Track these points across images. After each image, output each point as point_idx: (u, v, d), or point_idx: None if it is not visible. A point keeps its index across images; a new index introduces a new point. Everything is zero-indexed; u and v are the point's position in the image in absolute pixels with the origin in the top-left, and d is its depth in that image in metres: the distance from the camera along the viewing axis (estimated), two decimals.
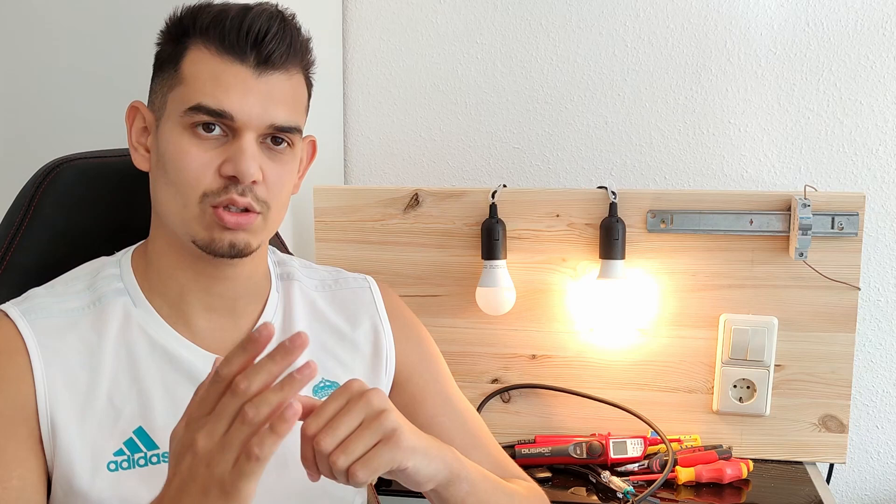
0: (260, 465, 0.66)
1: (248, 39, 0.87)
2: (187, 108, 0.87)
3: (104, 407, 0.90)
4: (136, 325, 0.93)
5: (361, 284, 1.08)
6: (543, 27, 1.73)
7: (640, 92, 1.72)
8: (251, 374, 0.67)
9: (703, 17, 1.68)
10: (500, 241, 1.51)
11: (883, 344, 1.72)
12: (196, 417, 0.69)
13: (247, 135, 0.87)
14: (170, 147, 0.89)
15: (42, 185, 1.05)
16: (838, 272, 1.46)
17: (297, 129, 0.92)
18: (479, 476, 0.90)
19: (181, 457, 0.69)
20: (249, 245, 0.90)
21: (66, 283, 0.96)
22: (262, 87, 0.88)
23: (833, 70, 1.66)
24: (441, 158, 1.80)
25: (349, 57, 1.80)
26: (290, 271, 1.04)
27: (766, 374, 1.49)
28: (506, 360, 1.57)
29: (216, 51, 0.87)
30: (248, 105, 0.87)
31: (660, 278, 1.51)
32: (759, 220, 1.47)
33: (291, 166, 0.93)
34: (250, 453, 0.65)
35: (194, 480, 0.68)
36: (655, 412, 1.52)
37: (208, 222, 0.88)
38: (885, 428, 1.74)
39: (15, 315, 0.90)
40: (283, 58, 0.89)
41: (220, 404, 0.68)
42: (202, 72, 0.88)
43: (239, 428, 0.66)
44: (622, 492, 1.36)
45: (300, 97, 0.94)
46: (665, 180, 1.74)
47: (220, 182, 0.87)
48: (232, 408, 0.67)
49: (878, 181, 1.67)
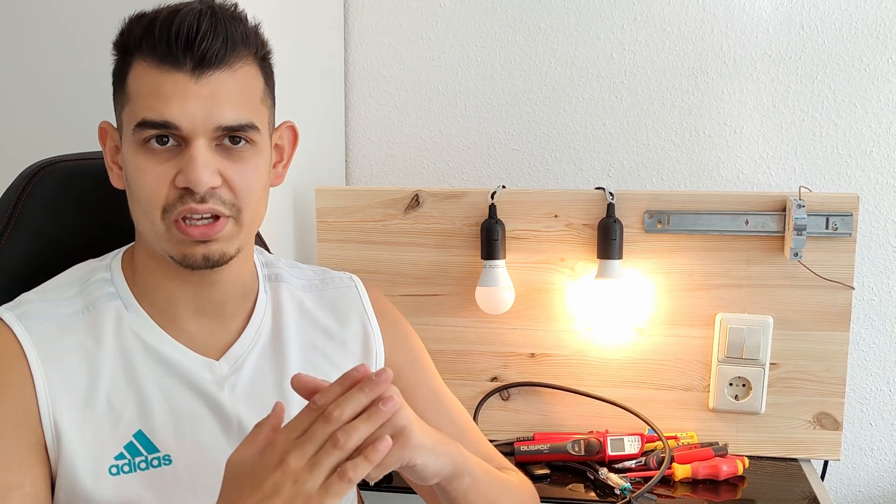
0: (349, 487, 0.73)
1: (178, 44, 0.82)
2: (135, 126, 0.85)
3: (104, 410, 0.89)
4: (130, 330, 0.92)
5: (347, 284, 1.08)
6: (542, 30, 1.73)
7: (637, 94, 1.72)
8: (343, 404, 0.75)
9: (700, 21, 1.68)
10: (499, 241, 1.51)
11: (877, 343, 1.72)
12: (283, 441, 0.75)
13: (196, 142, 0.84)
14: (130, 166, 0.87)
15: (27, 189, 1.02)
16: (833, 272, 1.46)
17: (251, 126, 0.86)
18: (480, 470, 0.91)
19: (264, 475, 0.74)
20: (225, 254, 0.88)
21: (57, 288, 0.94)
22: (202, 90, 0.83)
23: (827, 72, 1.66)
24: (441, 160, 1.80)
25: (350, 60, 1.80)
26: (277, 272, 1.03)
27: (761, 372, 1.49)
28: (505, 359, 1.57)
29: (153, 62, 0.84)
30: (190, 111, 0.83)
31: (657, 278, 1.51)
32: (755, 220, 1.47)
33: (255, 163, 0.88)
34: (344, 475, 0.72)
35: (278, 495, 0.72)
36: (652, 410, 1.52)
37: (176, 238, 0.86)
38: (878, 425, 1.74)
39: (10, 319, 0.88)
40: (220, 54, 0.84)
41: (312, 429, 0.74)
42: (143, 86, 0.84)
43: (329, 451, 0.73)
44: (620, 488, 1.36)
45: (251, 90, 0.88)
46: (662, 181, 1.74)
47: (176, 193, 0.85)
48: (323, 433, 0.74)
49: (872, 182, 1.67)
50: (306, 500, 0.72)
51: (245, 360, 0.96)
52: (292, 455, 0.73)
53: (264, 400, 0.94)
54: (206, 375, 0.93)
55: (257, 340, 0.97)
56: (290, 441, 0.74)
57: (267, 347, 0.98)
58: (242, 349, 0.96)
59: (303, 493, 0.72)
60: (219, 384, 0.93)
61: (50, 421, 0.86)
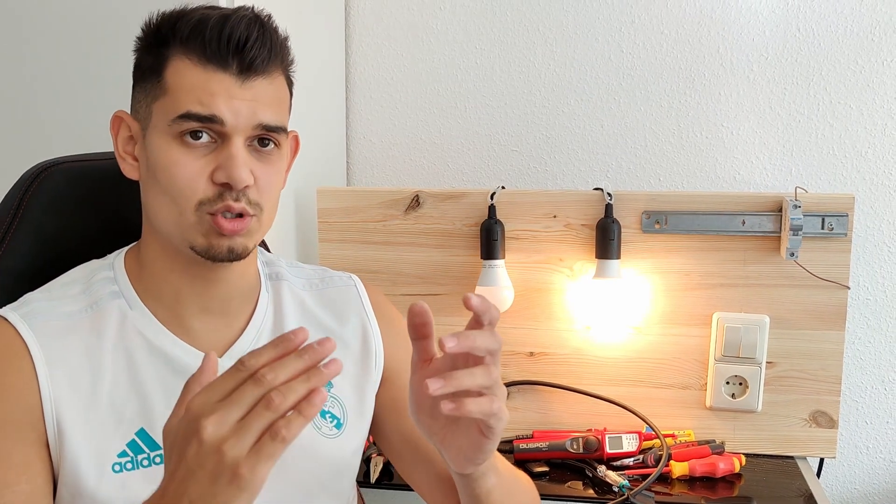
0: (283, 447, 0.65)
1: (229, 48, 0.84)
2: (175, 117, 0.85)
3: (106, 409, 0.89)
4: (133, 328, 0.92)
5: (347, 283, 1.08)
6: (541, 33, 1.73)
7: (635, 96, 1.72)
8: (277, 367, 0.67)
9: (697, 24, 1.68)
10: (498, 241, 1.51)
11: (872, 342, 1.72)
12: (199, 405, 0.67)
13: (235, 139, 0.86)
14: (160, 157, 0.87)
15: (30, 189, 1.02)
16: (828, 271, 1.46)
17: (283, 129, 0.90)
18: (505, 468, 0.92)
19: (184, 446, 0.67)
20: (246, 248, 0.89)
21: (61, 287, 0.94)
22: (246, 93, 0.86)
23: (823, 75, 1.66)
24: (441, 161, 1.80)
25: (352, 62, 1.80)
26: (278, 271, 1.04)
27: (757, 370, 1.49)
28: (504, 358, 1.57)
29: (198, 60, 0.85)
30: (235, 108, 0.85)
31: (654, 277, 1.51)
32: (751, 220, 1.47)
33: (279, 166, 0.91)
34: (276, 434, 0.65)
35: (202, 467, 0.66)
36: (650, 408, 1.52)
37: (206, 230, 0.87)
38: (873, 423, 1.74)
39: (15, 319, 0.89)
40: (264, 63, 0.87)
41: (237, 392, 0.67)
42: (186, 82, 0.86)
43: (261, 414, 0.65)
44: (618, 486, 1.36)
45: (283, 97, 0.91)
46: (659, 182, 1.74)
47: (215, 189, 0.86)
48: (251, 396, 0.66)
49: (867, 183, 1.67)
50: (234, 469, 0.64)
51: None
52: (209, 420, 0.65)
53: None
54: None
55: (259, 337, 0.97)
56: (209, 405, 0.66)
57: None
58: (245, 346, 0.96)
59: (228, 462, 0.64)
60: None
61: (53, 420, 0.86)
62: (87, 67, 1.30)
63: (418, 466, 1.04)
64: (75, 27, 1.31)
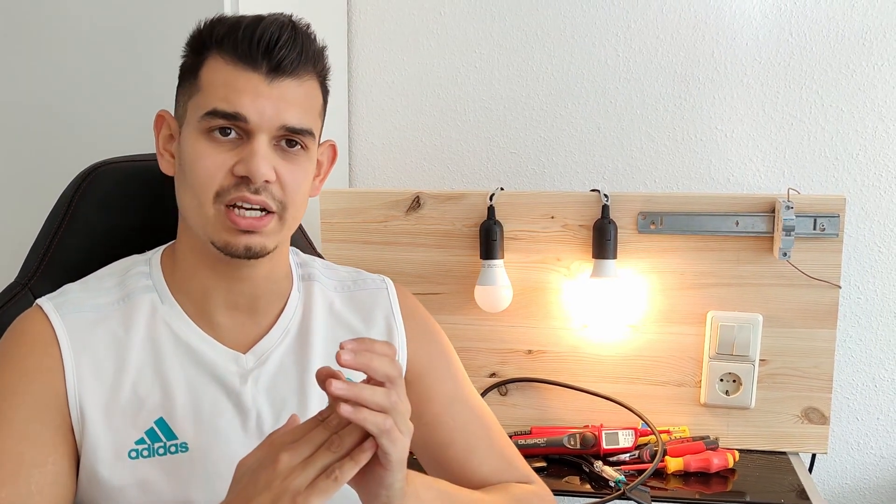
0: (336, 487, 0.74)
1: (259, 48, 0.86)
2: (204, 114, 0.87)
3: (129, 398, 0.90)
4: (162, 321, 0.94)
5: (379, 285, 1.07)
6: (539, 38, 1.73)
7: (631, 99, 1.72)
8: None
9: (692, 29, 1.68)
10: (497, 241, 1.51)
11: (863, 340, 1.72)
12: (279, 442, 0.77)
13: (259, 136, 0.87)
14: (189, 150, 0.89)
15: (81, 188, 1.06)
16: (820, 271, 1.46)
17: (310, 132, 0.90)
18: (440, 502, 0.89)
19: (258, 472, 0.76)
20: (265, 247, 0.90)
21: (98, 280, 0.96)
22: (273, 92, 0.87)
23: (815, 78, 1.66)
24: (441, 163, 1.80)
25: (354, 66, 1.80)
26: (311, 272, 1.04)
27: (751, 368, 1.49)
28: (503, 355, 1.57)
29: (230, 59, 0.87)
30: (261, 107, 0.86)
31: (650, 277, 1.52)
32: (745, 221, 1.47)
33: (306, 168, 0.92)
34: (331, 474, 0.74)
35: (268, 490, 0.74)
36: (646, 405, 1.52)
37: (223, 225, 0.88)
38: (864, 420, 1.74)
39: (49, 309, 0.91)
40: (293, 64, 0.88)
41: (311, 434, 0.76)
42: (217, 79, 0.88)
43: (323, 453, 0.75)
44: (614, 481, 1.36)
45: (313, 102, 0.92)
46: (655, 184, 1.74)
47: (233, 181, 0.87)
48: (320, 437, 0.76)
49: (858, 184, 1.67)
50: (293, 497, 0.73)
51: (270, 355, 0.96)
52: (285, 453, 0.75)
53: (284, 394, 0.96)
54: (232, 368, 0.94)
55: (285, 336, 0.98)
56: (288, 442, 0.76)
57: (293, 344, 0.98)
58: (270, 344, 0.97)
59: (291, 490, 0.73)
60: (242, 377, 0.94)
61: (77, 406, 0.88)
62: (134, 74, 1.33)
63: (433, 471, 1.03)
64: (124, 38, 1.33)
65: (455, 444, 1.02)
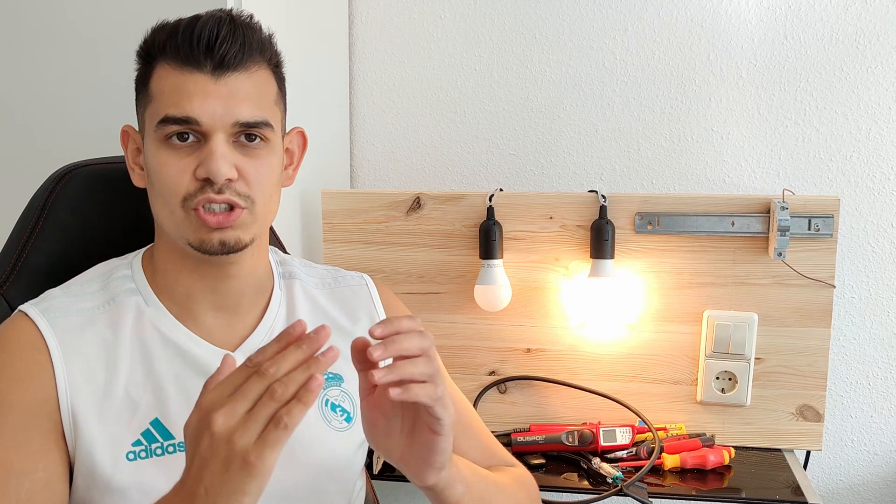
0: (287, 434, 0.67)
1: (199, 47, 0.85)
2: (158, 122, 0.87)
3: (122, 400, 0.90)
4: (149, 323, 0.93)
5: (359, 282, 1.08)
6: (537, 40, 1.73)
7: (628, 101, 1.72)
8: (279, 360, 0.70)
9: (688, 32, 1.68)
10: (496, 241, 1.51)
11: (856, 338, 1.72)
12: (209, 402, 0.70)
13: (215, 136, 0.86)
14: (152, 160, 0.89)
15: (55, 190, 1.04)
16: (814, 271, 1.46)
17: (266, 124, 0.89)
18: (474, 477, 0.90)
19: (198, 439, 0.70)
20: (240, 240, 0.89)
21: (80, 284, 0.95)
22: (221, 89, 0.86)
23: (810, 81, 1.66)
24: (441, 164, 1.80)
25: (355, 69, 1.80)
26: (291, 270, 1.04)
27: (746, 366, 1.49)
28: (502, 354, 1.57)
29: (175, 64, 0.87)
30: (210, 107, 0.85)
31: (647, 277, 1.52)
32: (740, 221, 1.47)
33: (269, 160, 0.90)
34: (279, 422, 0.67)
35: (215, 457, 0.68)
36: (643, 402, 1.52)
37: (194, 225, 0.88)
38: (858, 417, 1.75)
39: (34, 314, 0.90)
40: (237, 57, 0.86)
41: (244, 387, 0.69)
42: (166, 85, 0.87)
43: (266, 404, 0.68)
44: (611, 477, 1.36)
45: (266, 92, 0.90)
46: (652, 184, 1.74)
47: (197, 184, 0.87)
48: (257, 389, 0.69)
49: (852, 185, 1.68)
50: (244, 457, 0.67)
51: None
52: (219, 413, 0.68)
53: None
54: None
55: (271, 333, 0.98)
56: (220, 400, 0.69)
57: None
58: (256, 342, 0.96)
59: (238, 451, 0.67)
60: None
61: (68, 411, 0.87)
62: (108, 75, 1.31)
63: None
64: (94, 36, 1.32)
65: None
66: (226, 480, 0.68)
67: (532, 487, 1.06)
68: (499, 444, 1.09)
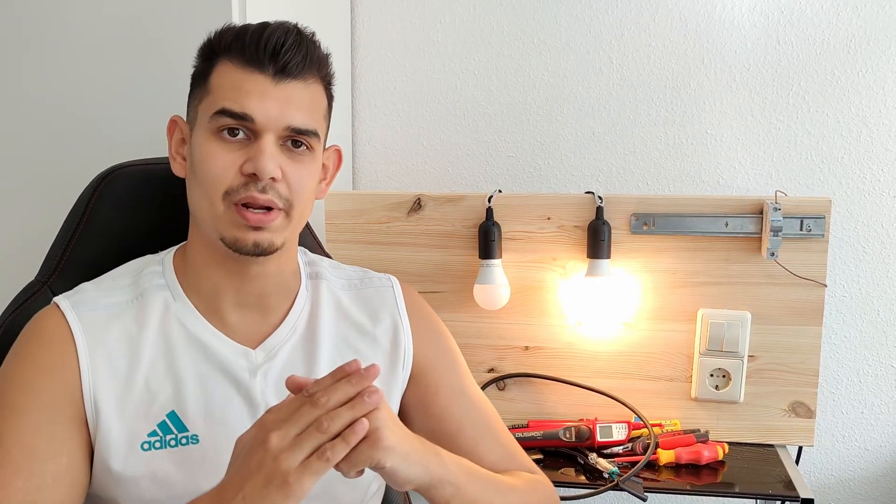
0: (328, 466, 0.74)
1: (265, 51, 0.88)
2: (213, 114, 0.89)
3: (142, 392, 0.91)
4: (175, 318, 0.94)
5: (385, 284, 1.08)
6: (536, 45, 1.74)
7: (624, 105, 1.73)
8: (330, 392, 0.77)
9: (683, 36, 1.69)
10: (495, 241, 1.51)
11: (847, 336, 1.73)
12: (269, 422, 0.76)
13: (266, 136, 0.88)
14: (199, 151, 0.90)
15: (98, 190, 1.07)
16: (806, 270, 1.47)
17: (314, 133, 0.91)
18: (467, 478, 0.88)
19: (251, 453, 0.75)
20: (273, 244, 0.90)
21: (113, 279, 0.97)
22: (279, 93, 0.88)
23: (802, 85, 1.67)
24: (441, 166, 1.81)
25: (357, 72, 1.81)
26: (319, 271, 1.04)
27: (740, 364, 1.50)
28: (501, 352, 1.58)
29: (238, 63, 0.89)
30: (267, 108, 0.87)
31: (642, 276, 1.52)
32: (734, 222, 1.48)
33: (311, 168, 0.93)
34: (322, 454, 0.73)
35: (260, 471, 0.73)
36: (638, 399, 1.53)
37: (233, 221, 0.89)
38: (849, 413, 1.75)
39: (65, 307, 0.92)
40: (298, 67, 0.89)
41: (298, 413, 0.75)
42: (226, 82, 0.89)
43: (313, 434, 0.74)
44: (608, 472, 1.36)
45: (318, 105, 0.93)
46: (647, 186, 1.75)
47: (241, 179, 0.88)
48: (308, 417, 0.75)
49: (844, 187, 1.68)
50: (284, 477, 0.72)
51: (279, 350, 0.97)
52: (274, 434, 0.74)
53: None
54: (242, 363, 0.94)
55: (293, 333, 0.98)
56: (277, 422, 0.75)
57: (301, 340, 0.98)
58: (279, 340, 0.97)
59: (282, 470, 0.73)
60: (252, 371, 0.95)
61: (91, 400, 0.89)
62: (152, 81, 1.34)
63: None
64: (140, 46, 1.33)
65: (463, 434, 1.02)
66: (264, 495, 0.73)
67: (550, 495, 1.03)
68: (521, 451, 1.07)
